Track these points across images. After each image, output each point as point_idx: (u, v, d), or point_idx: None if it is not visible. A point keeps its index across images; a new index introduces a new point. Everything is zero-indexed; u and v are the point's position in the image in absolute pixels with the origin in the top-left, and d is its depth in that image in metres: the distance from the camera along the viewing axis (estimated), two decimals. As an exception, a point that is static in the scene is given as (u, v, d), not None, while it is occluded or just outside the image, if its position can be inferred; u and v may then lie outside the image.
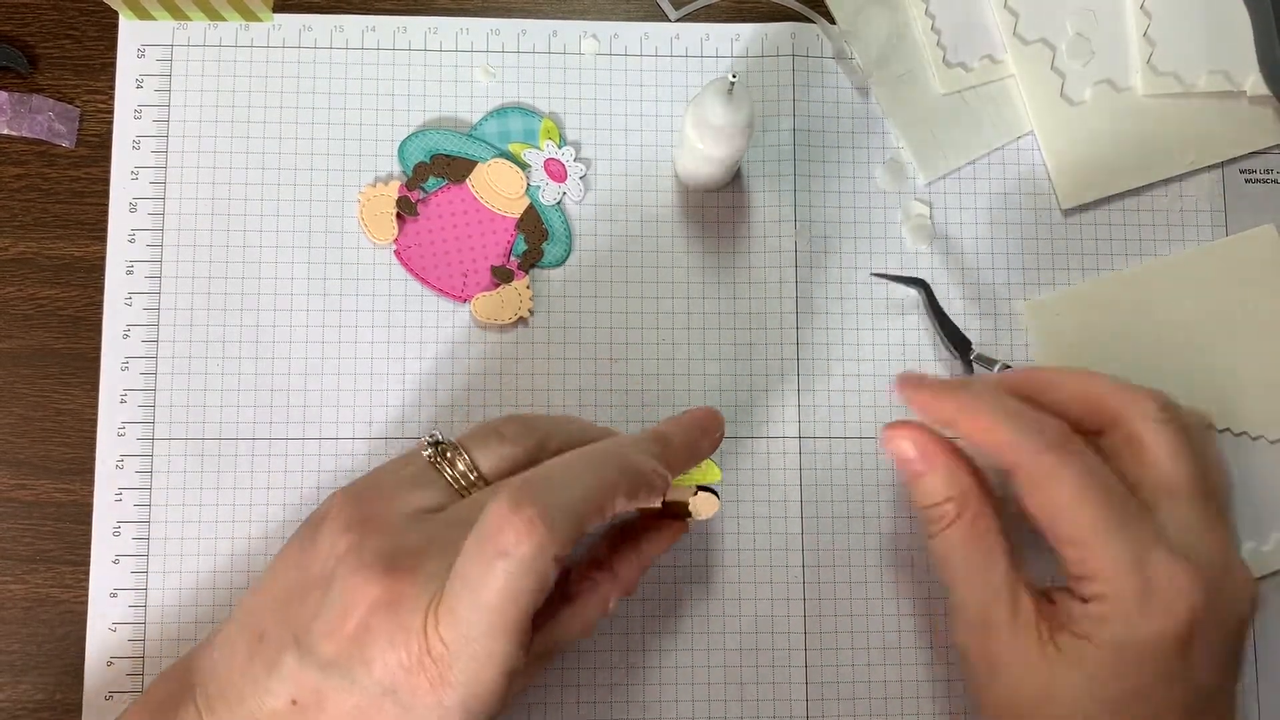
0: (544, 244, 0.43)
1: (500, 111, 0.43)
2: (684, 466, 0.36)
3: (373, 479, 0.35)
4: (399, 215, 0.42)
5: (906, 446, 0.36)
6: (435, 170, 0.42)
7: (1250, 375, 0.44)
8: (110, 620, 0.41)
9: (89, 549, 0.41)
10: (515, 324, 0.42)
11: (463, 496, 0.34)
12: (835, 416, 0.43)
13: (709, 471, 0.38)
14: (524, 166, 0.43)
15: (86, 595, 0.41)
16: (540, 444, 0.35)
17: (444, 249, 0.42)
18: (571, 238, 0.43)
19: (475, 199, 0.43)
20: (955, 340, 0.42)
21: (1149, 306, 0.44)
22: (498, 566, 0.29)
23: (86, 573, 0.41)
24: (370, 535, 0.32)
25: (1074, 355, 0.44)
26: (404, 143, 0.43)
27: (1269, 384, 0.44)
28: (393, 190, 0.42)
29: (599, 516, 0.31)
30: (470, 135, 0.43)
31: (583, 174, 0.43)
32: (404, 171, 0.43)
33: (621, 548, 0.37)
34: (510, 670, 0.30)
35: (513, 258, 0.43)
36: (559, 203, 0.43)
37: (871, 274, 0.44)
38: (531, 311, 0.42)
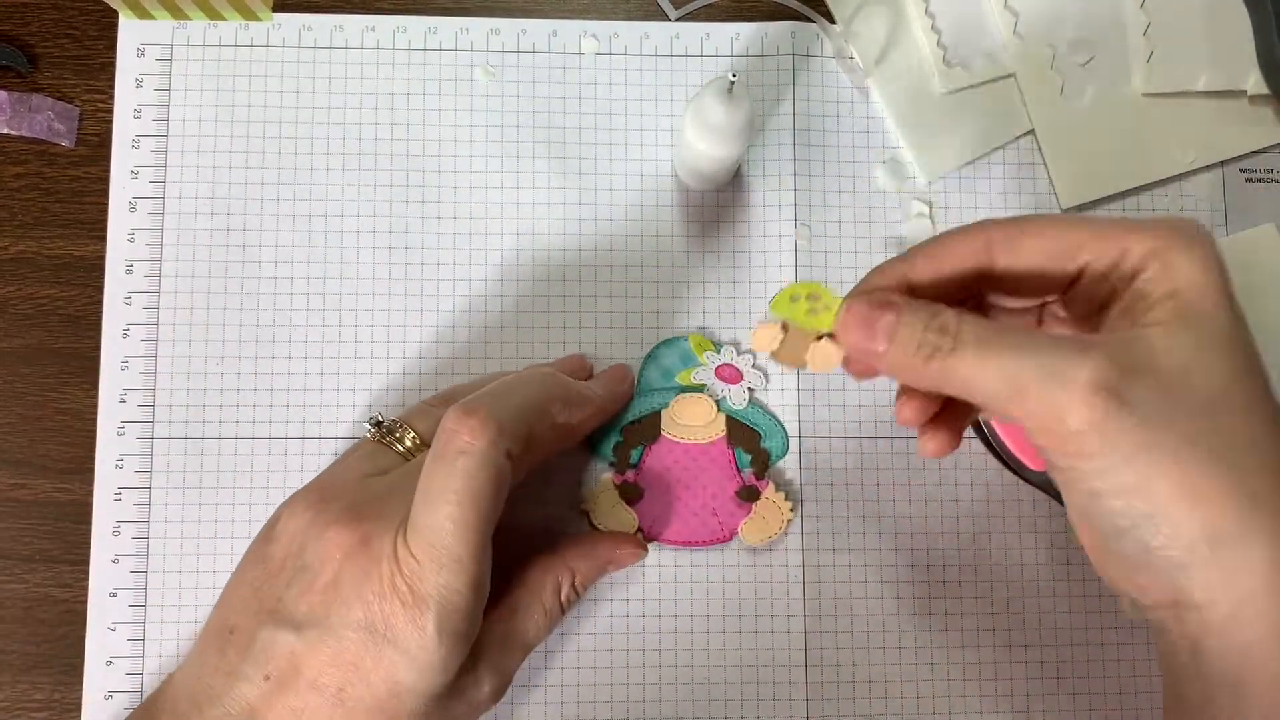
0: (761, 444, 0.42)
1: (650, 356, 0.43)
2: (605, 405, 0.40)
3: (322, 474, 0.37)
4: (629, 501, 0.42)
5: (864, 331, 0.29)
6: (631, 443, 0.42)
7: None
8: (110, 620, 0.41)
9: (88, 548, 0.41)
10: (784, 532, 0.42)
11: (408, 460, 0.37)
12: (835, 416, 0.43)
13: (824, 318, 0.30)
14: (701, 389, 0.42)
15: (86, 595, 0.41)
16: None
17: (682, 507, 0.42)
18: (780, 423, 0.43)
19: (680, 443, 0.42)
20: None
21: (1149, 306, 0.44)
22: (457, 464, 0.31)
23: (86, 572, 0.41)
24: (330, 501, 0.33)
25: (1074, 355, 0.44)
26: (595, 444, 0.42)
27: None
28: (607, 483, 0.42)
29: (541, 422, 0.35)
30: (641, 394, 0.42)
31: (753, 363, 0.43)
32: (608, 460, 0.42)
33: (575, 545, 0.39)
34: (478, 581, 0.31)
35: (746, 472, 0.42)
36: (749, 400, 0.43)
37: None
38: (793, 512, 0.42)
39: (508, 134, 0.44)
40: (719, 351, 0.43)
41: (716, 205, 0.44)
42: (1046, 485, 0.42)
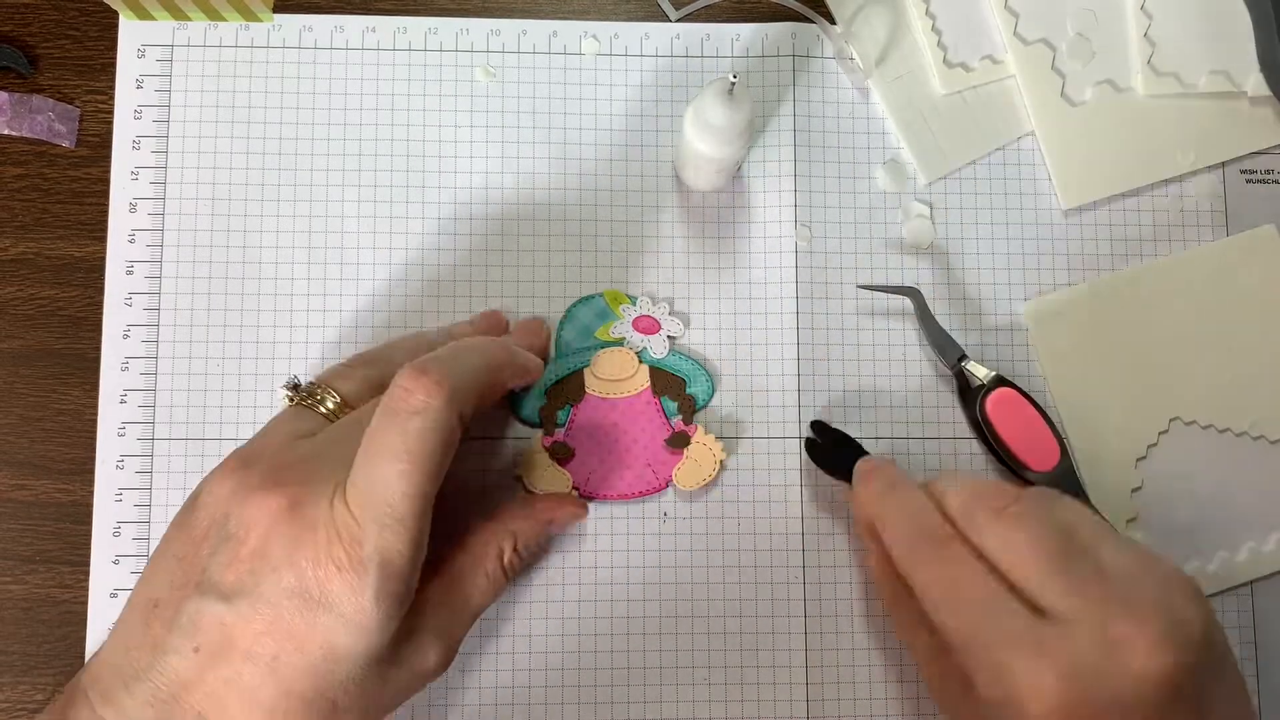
0: (687, 389, 0.42)
1: (567, 316, 0.43)
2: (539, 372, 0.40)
3: (246, 442, 0.35)
4: (560, 461, 0.42)
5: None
6: (557, 404, 0.42)
7: (1251, 375, 0.44)
8: (110, 621, 0.41)
9: (89, 549, 0.41)
10: (719, 473, 0.42)
11: (328, 419, 0.36)
12: (835, 416, 0.43)
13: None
14: (620, 343, 0.42)
15: (86, 595, 0.41)
16: (388, 361, 0.37)
17: (615, 461, 0.42)
18: (703, 366, 0.43)
19: (605, 399, 0.42)
20: (945, 349, 0.42)
21: (1150, 307, 0.44)
22: (411, 424, 0.31)
23: (86, 573, 0.41)
24: (253, 465, 0.32)
25: (1074, 356, 0.44)
26: (516, 406, 0.42)
27: (1269, 384, 0.44)
28: (537, 445, 0.42)
29: (491, 387, 0.35)
30: (560, 355, 0.42)
31: (669, 310, 0.43)
32: (534, 423, 0.42)
33: (515, 509, 0.39)
34: (418, 543, 0.31)
35: (674, 420, 0.42)
36: (671, 348, 0.43)
37: (858, 285, 0.44)
38: (725, 452, 0.42)
39: (508, 134, 0.44)
40: (634, 303, 0.43)
41: (716, 205, 0.44)
42: (1047, 485, 0.42)
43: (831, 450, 0.42)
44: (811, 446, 0.42)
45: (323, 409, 0.36)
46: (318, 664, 0.30)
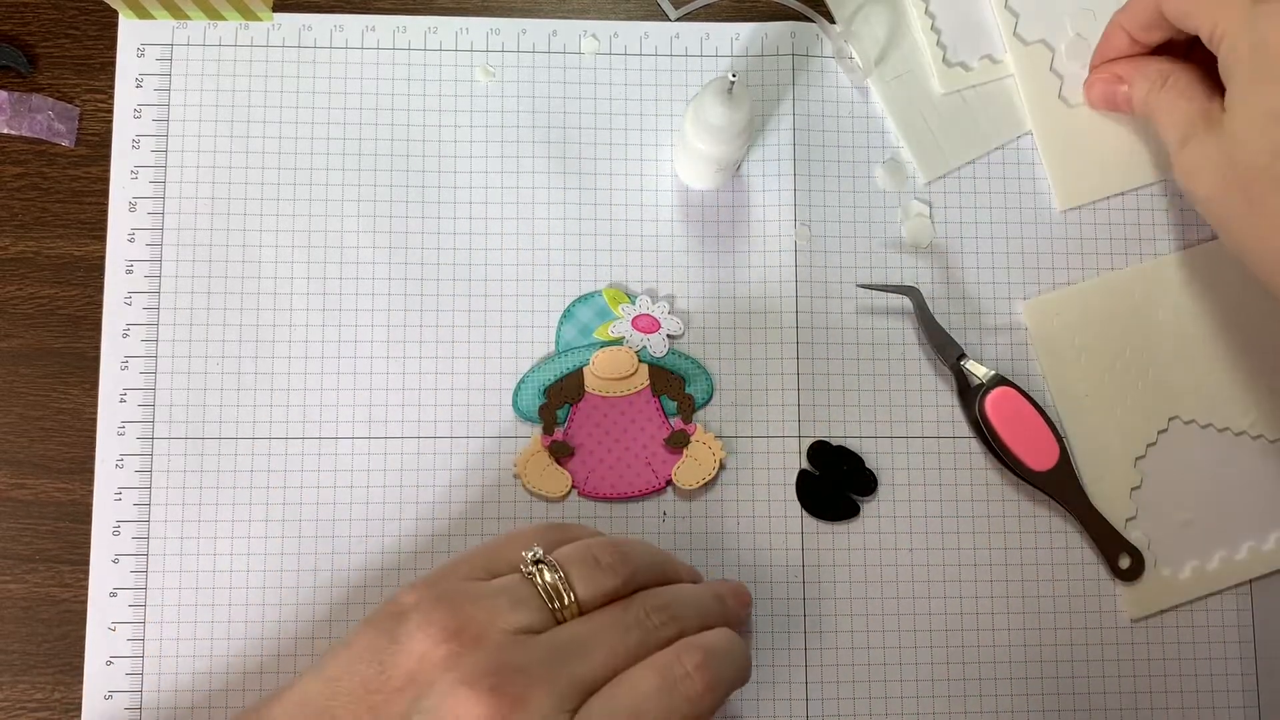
0: (687, 389, 0.42)
1: (567, 314, 0.43)
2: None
3: (460, 586, 0.34)
4: (559, 460, 0.42)
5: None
6: (556, 403, 0.42)
7: (1250, 375, 0.44)
8: (110, 620, 0.41)
9: (88, 548, 0.41)
10: (719, 472, 0.42)
11: (558, 620, 0.34)
12: (835, 415, 0.43)
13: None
14: (620, 342, 0.43)
15: (86, 595, 0.41)
16: (632, 576, 0.35)
17: (615, 460, 0.42)
18: (702, 366, 0.43)
19: (605, 398, 0.42)
20: (944, 348, 0.42)
21: (1149, 306, 0.44)
22: (679, 709, 0.32)
23: (86, 572, 0.41)
24: (469, 649, 0.31)
25: (1073, 355, 0.44)
26: (515, 401, 0.42)
27: (1268, 384, 0.44)
28: (536, 444, 0.42)
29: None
30: (560, 353, 0.42)
31: (668, 308, 0.43)
32: (532, 422, 0.42)
33: None
34: None
35: (673, 419, 0.42)
36: (670, 346, 0.43)
37: (858, 284, 0.44)
38: (725, 451, 0.42)
39: (508, 134, 0.44)
40: (634, 302, 0.43)
41: (716, 205, 0.44)
42: (1046, 485, 0.42)
43: (823, 491, 0.42)
44: (802, 485, 0.42)
45: (539, 580, 0.34)
46: None
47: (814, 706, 0.42)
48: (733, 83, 0.37)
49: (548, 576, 0.34)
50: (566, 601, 0.33)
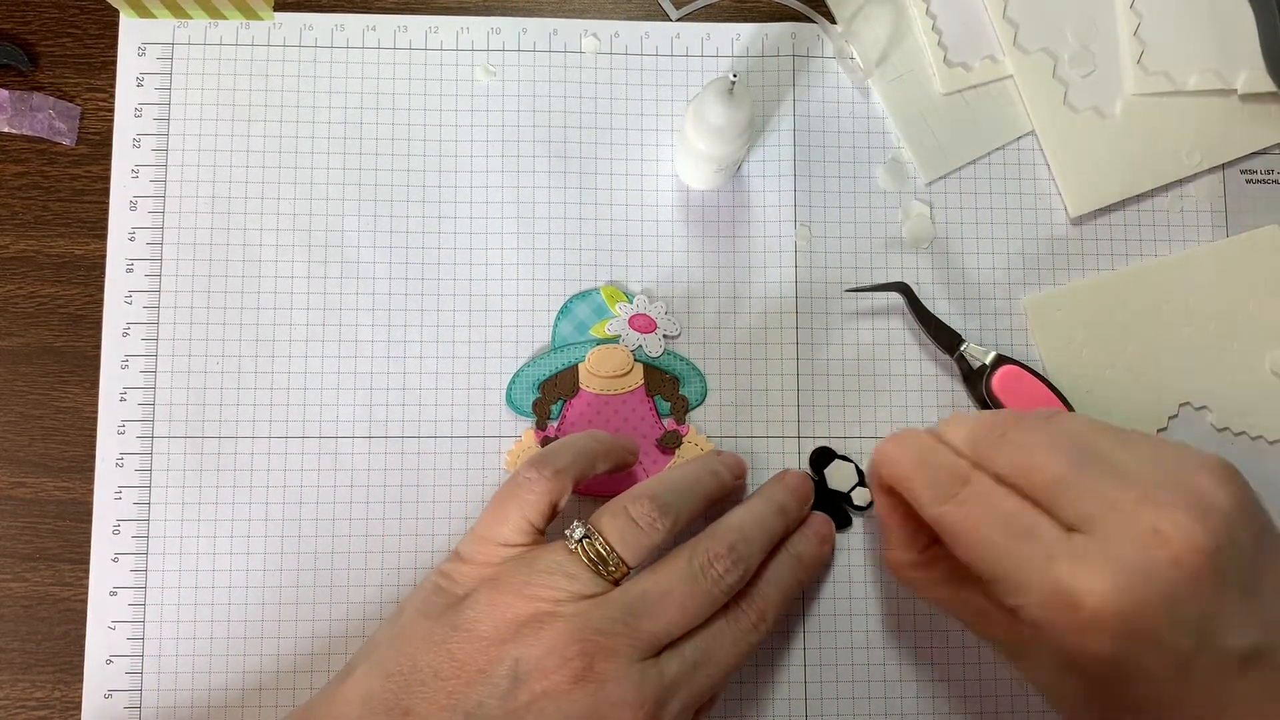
0: (681, 390, 0.42)
1: (564, 310, 0.43)
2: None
3: (511, 568, 0.35)
4: None
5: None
6: (550, 398, 0.42)
7: (1251, 375, 0.44)
8: (110, 618, 0.41)
9: (88, 547, 0.41)
10: None
11: (613, 583, 0.35)
12: (835, 416, 0.43)
13: None
14: (616, 340, 0.43)
15: (86, 593, 0.41)
16: (674, 524, 0.36)
17: None
18: (697, 368, 0.43)
19: (599, 396, 0.42)
20: (943, 338, 0.42)
21: (1151, 305, 0.44)
22: (744, 643, 0.36)
23: (86, 571, 0.41)
24: (545, 623, 0.33)
25: (1074, 353, 0.44)
26: (509, 395, 0.42)
27: (1269, 384, 0.44)
28: (530, 439, 0.42)
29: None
30: (555, 349, 0.42)
31: (665, 310, 0.43)
32: (524, 416, 0.42)
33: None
34: None
35: (666, 420, 0.42)
36: (665, 347, 0.43)
37: (844, 290, 0.44)
38: (717, 453, 0.42)
39: (508, 133, 0.44)
40: (631, 301, 0.43)
41: (716, 205, 0.44)
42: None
43: (818, 498, 0.42)
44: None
45: (585, 556, 0.35)
46: None
47: (813, 705, 0.42)
48: (733, 83, 0.37)
49: (595, 550, 0.35)
50: (613, 567, 0.35)
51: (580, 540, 0.35)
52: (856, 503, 0.42)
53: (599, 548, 0.35)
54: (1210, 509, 0.30)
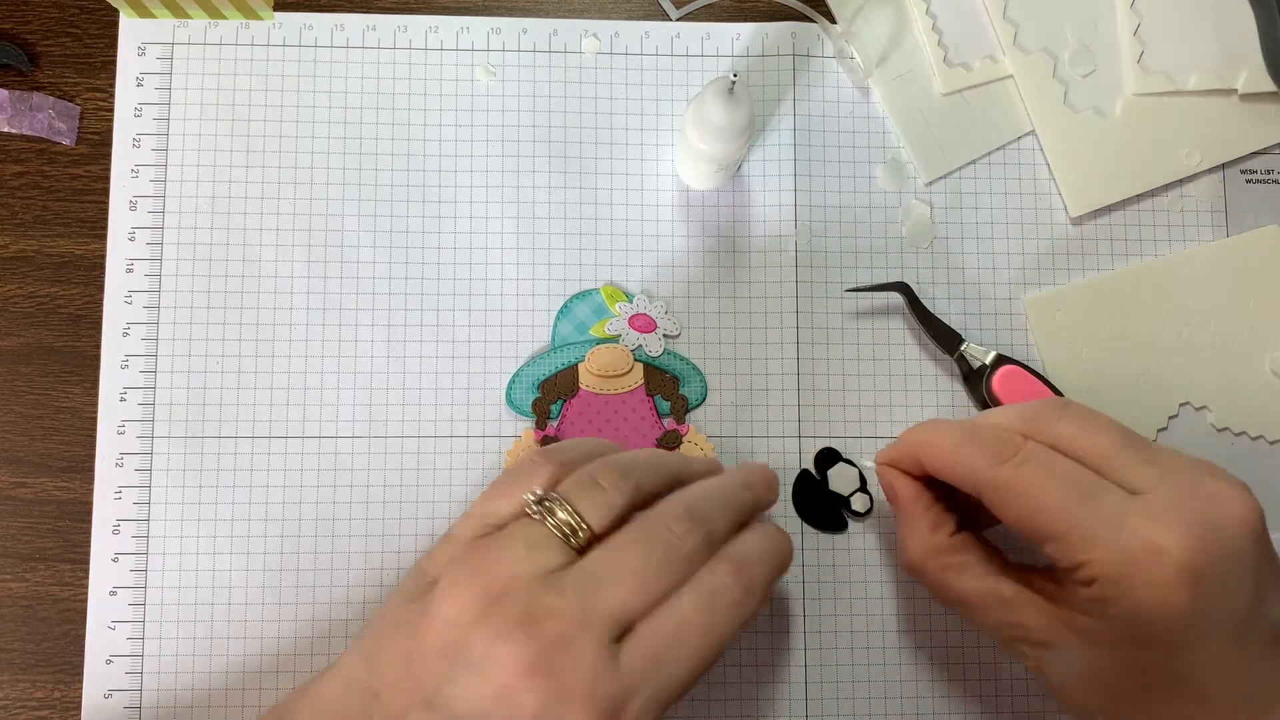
0: (681, 390, 0.42)
1: (564, 310, 0.43)
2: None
3: (475, 546, 0.33)
4: None
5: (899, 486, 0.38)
6: (550, 398, 0.42)
7: (1251, 375, 0.44)
8: (109, 618, 0.41)
9: (88, 547, 0.41)
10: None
11: (578, 553, 0.33)
12: (835, 416, 0.43)
13: None
14: (616, 339, 0.43)
15: (86, 593, 0.41)
16: (636, 489, 0.34)
17: None
18: (697, 367, 0.43)
19: (598, 395, 0.42)
20: (943, 338, 0.42)
21: (1152, 304, 0.44)
22: (720, 617, 0.32)
23: (86, 571, 0.41)
24: (498, 602, 0.31)
25: (1074, 353, 0.44)
26: (508, 395, 0.42)
27: (1269, 384, 0.44)
28: (530, 439, 0.42)
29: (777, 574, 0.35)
30: (555, 348, 0.42)
31: (665, 310, 0.43)
32: (524, 416, 0.42)
33: None
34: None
35: (666, 419, 0.42)
36: (665, 347, 0.43)
37: (845, 290, 0.44)
38: (717, 452, 0.42)
39: (508, 133, 0.44)
40: (631, 301, 0.43)
41: (716, 205, 0.44)
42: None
43: (818, 498, 0.42)
44: (799, 486, 0.42)
45: (551, 520, 0.33)
46: None
47: (813, 705, 0.42)
48: (734, 83, 0.37)
49: (557, 514, 0.33)
50: (581, 533, 0.33)
51: (539, 504, 0.33)
52: (855, 508, 0.42)
53: (565, 515, 0.33)
54: (1244, 486, 0.33)
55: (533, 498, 0.33)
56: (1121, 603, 0.31)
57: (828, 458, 0.42)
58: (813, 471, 0.42)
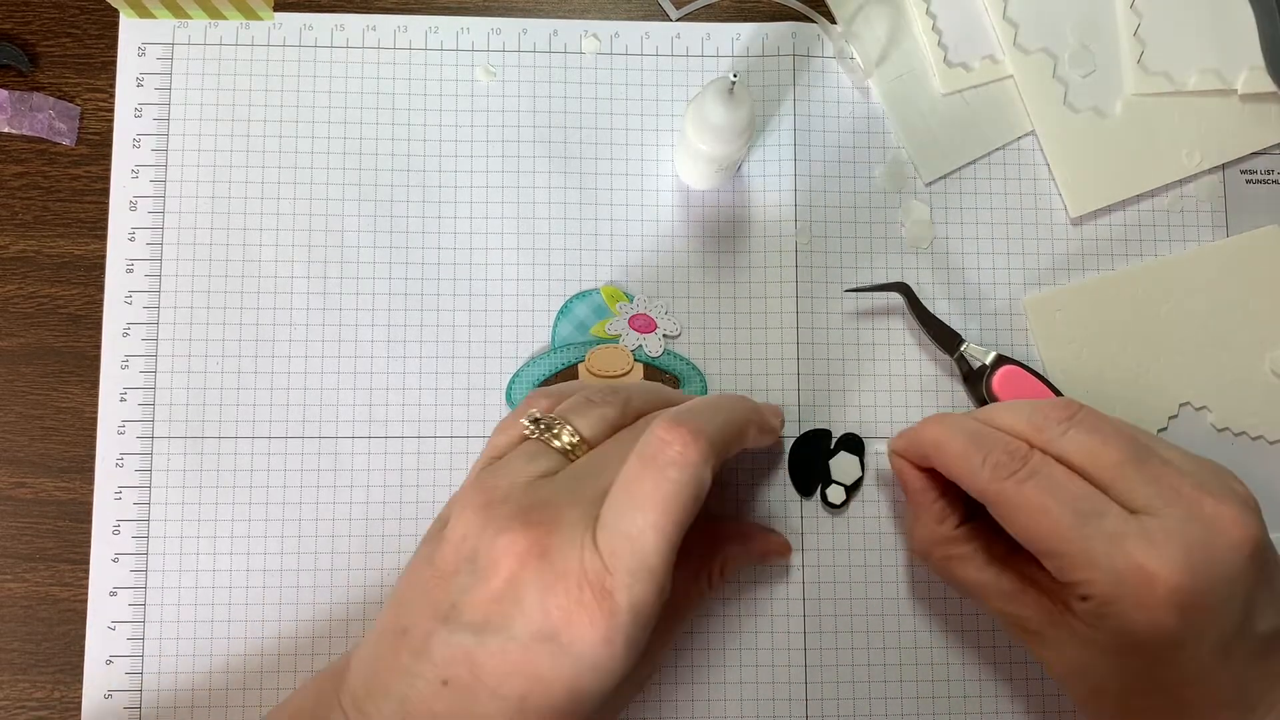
0: (681, 390, 0.42)
1: (563, 310, 0.43)
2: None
3: (484, 474, 0.34)
4: None
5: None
6: None
7: (1251, 375, 0.44)
8: (109, 619, 0.41)
9: (88, 547, 0.41)
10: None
11: (572, 460, 0.35)
12: (835, 416, 0.43)
13: None
14: (616, 340, 0.43)
15: (86, 594, 0.41)
16: (626, 402, 0.36)
17: None
18: (697, 368, 0.43)
19: None
20: (943, 338, 0.42)
21: (1152, 304, 0.44)
22: (668, 474, 0.31)
23: (86, 571, 0.41)
24: (497, 505, 0.32)
25: (1074, 353, 0.44)
26: (509, 395, 0.42)
27: (1269, 384, 0.44)
28: None
29: (738, 443, 0.35)
30: (555, 349, 0.42)
31: (665, 310, 0.43)
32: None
33: (732, 534, 0.41)
34: (664, 592, 0.31)
35: None
36: (667, 348, 0.43)
37: (845, 290, 0.44)
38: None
39: (508, 134, 0.44)
40: (631, 301, 0.43)
41: (716, 205, 0.44)
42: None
43: (812, 461, 0.42)
44: (803, 445, 0.42)
45: (557, 443, 0.35)
46: (562, 704, 0.30)
47: (813, 706, 0.42)
48: (734, 83, 0.37)
49: (553, 428, 0.35)
50: (575, 442, 0.34)
51: (535, 422, 0.35)
52: (831, 499, 0.42)
53: (559, 427, 0.34)
54: (1251, 507, 0.34)
55: (528, 420, 0.35)
56: (1113, 619, 0.32)
57: (846, 442, 0.42)
58: (828, 444, 0.43)
